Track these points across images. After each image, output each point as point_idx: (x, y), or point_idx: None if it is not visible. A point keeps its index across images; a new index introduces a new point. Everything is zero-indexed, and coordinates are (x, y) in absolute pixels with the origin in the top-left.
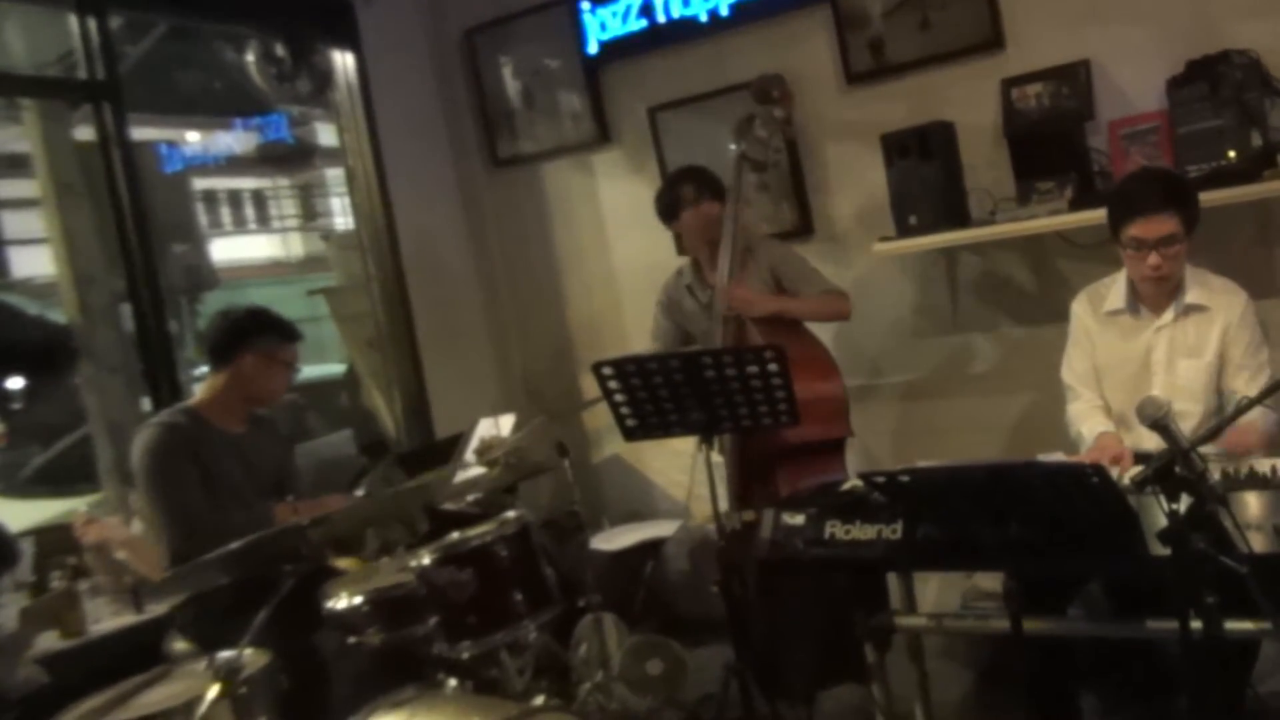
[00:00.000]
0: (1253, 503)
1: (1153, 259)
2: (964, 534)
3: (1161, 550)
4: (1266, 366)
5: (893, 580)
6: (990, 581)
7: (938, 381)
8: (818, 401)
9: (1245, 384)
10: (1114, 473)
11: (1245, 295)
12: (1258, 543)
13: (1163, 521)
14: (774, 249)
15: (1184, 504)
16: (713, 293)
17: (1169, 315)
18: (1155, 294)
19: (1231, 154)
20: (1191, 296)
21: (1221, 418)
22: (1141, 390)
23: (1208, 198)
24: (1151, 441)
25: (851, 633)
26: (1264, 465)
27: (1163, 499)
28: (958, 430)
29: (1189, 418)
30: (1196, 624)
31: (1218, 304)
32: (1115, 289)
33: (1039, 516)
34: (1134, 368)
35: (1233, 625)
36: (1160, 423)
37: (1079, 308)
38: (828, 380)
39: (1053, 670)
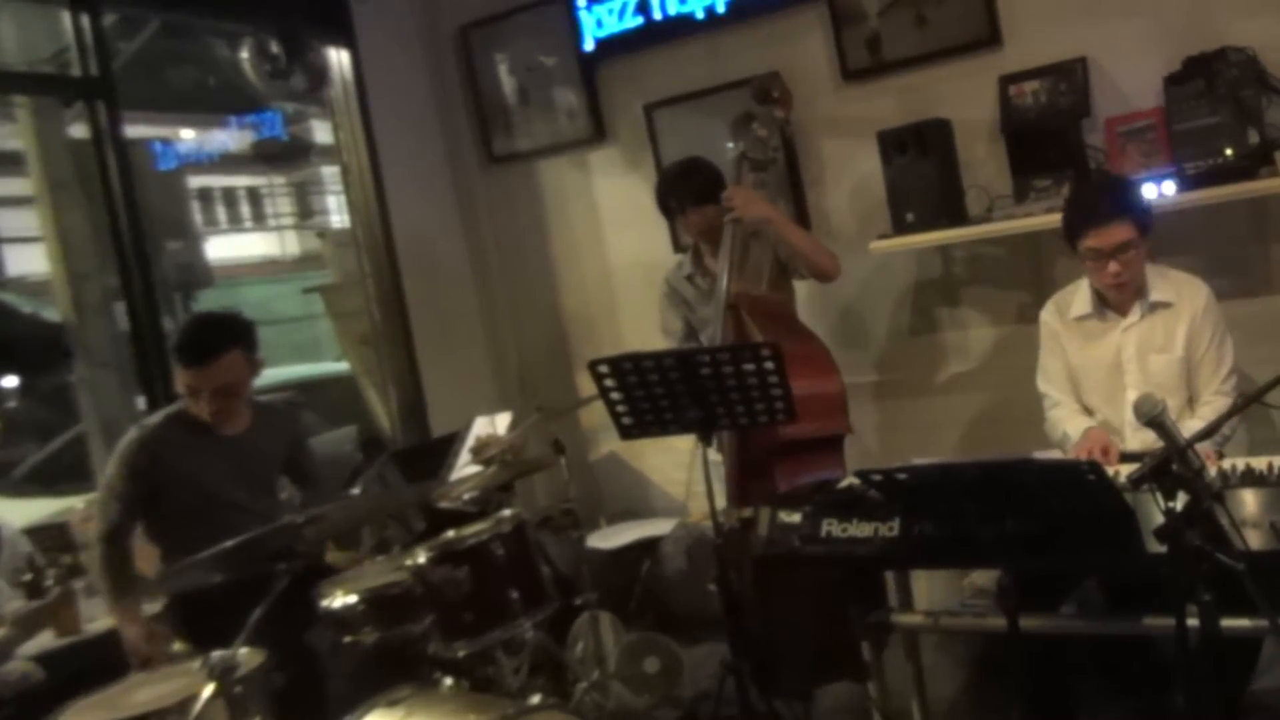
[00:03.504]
0: (1249, 500)
1: (1112, 267)
2: (960, 531)
3: (1158, 547)
4: (1229, 357)
5: (889, 578)
6: (986, 578)
7: (934, 378)
8: (816, 398)
9: (1209, 376)
10: (1103, 464)
11: (1207, 288)
12: (1254, 540)
13: (1159, 518)
14: None
15: (1180, 501)
16: (712, 280)
17: (1135, 315)
18: (1119, 297)
19: (1228, 151)
20: (1156, 294)
21: (1219, 415)
22: (1116, 391)
23: (1204, 195)
24: (1136, 444)
25: (848, 630)
26: (1260, 463)
27: (1159, 496)
28: (954, 427)
29: None
30: (1193, 621)
31: (1182, 298)
32: (1079, 295)
33: (1035, 513)
34: (1106, 369)
35: (1229, 622)
36: (1156, 420)
37: (1047, 316)
38: (826, 376)
39: (1049, 666)
